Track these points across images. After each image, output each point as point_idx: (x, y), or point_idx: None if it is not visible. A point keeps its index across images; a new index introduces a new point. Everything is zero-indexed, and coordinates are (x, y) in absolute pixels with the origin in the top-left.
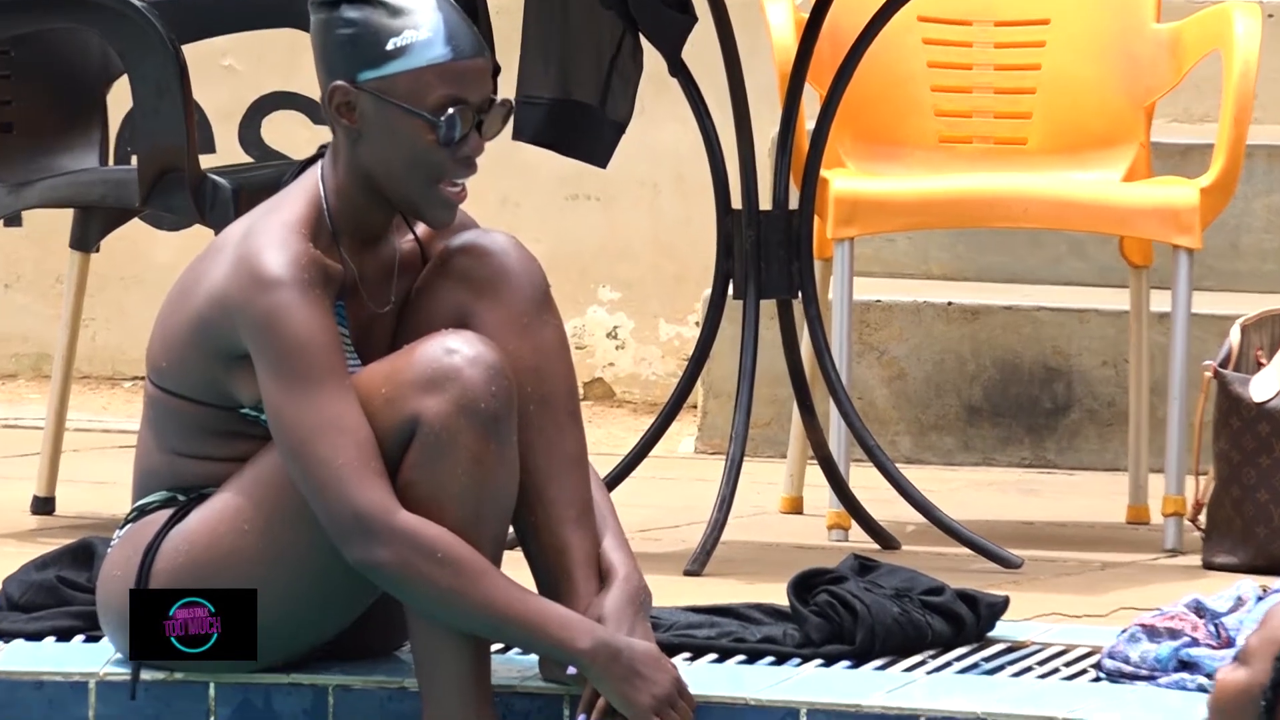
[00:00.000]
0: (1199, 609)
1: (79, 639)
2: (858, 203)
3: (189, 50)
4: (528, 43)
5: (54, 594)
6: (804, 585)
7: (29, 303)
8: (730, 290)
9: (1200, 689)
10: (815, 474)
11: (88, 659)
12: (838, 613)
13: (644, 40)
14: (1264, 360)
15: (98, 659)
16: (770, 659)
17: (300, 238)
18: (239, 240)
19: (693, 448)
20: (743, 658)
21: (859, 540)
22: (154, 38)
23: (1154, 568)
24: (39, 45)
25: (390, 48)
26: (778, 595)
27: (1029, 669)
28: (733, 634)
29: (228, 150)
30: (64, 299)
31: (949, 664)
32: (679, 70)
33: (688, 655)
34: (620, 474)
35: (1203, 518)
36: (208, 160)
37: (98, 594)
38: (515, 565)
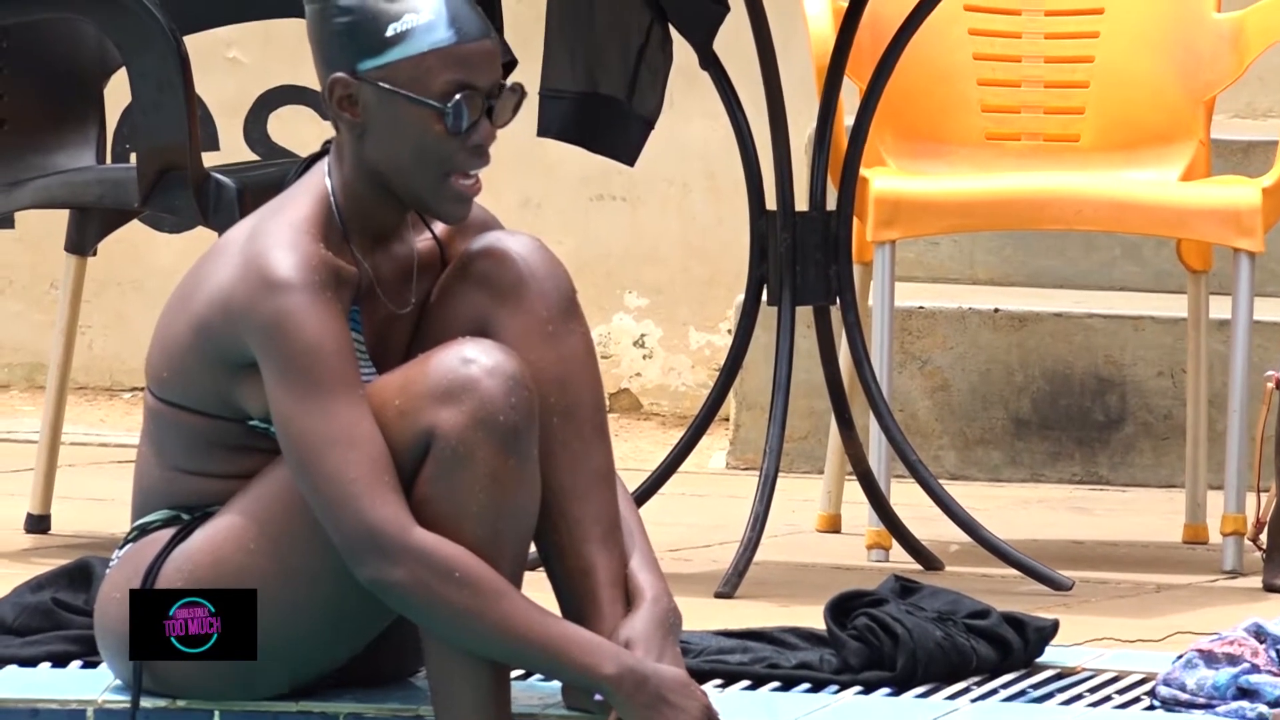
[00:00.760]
0: (1259, 633)
1: (76, 664)
2: (899, 203)
3: (191, 41)
4: (552, 33)
5: (49, 617)
6: (842, 608)
7: (22, 309)
8: (764, 296)
9: (1260, 718)
10: (854, 490)
11: (85, 686)
12: (877, 637)
13: (673, 31)
14: None
15: (96, 685)
16: (806, 686)
17: (310, 238)
18: (244, 242)
19: (724, 463)
20: (777, 685)
21: (900, 561)
22: (154, 28)
23: (1212, 590)
24: (32, 36)
25: (390, 34)
26: (814, 619)
27: (1079, 697)
28: (767, 660)
29: (232, 147)
30: (59, 305)
31: (995, 691)
32: (710, 63)
33: (719, 682)
34: (648, 490)
35: (1264, 537)
36: (211, 158)
37: (95, 617)
38: (538, 587)
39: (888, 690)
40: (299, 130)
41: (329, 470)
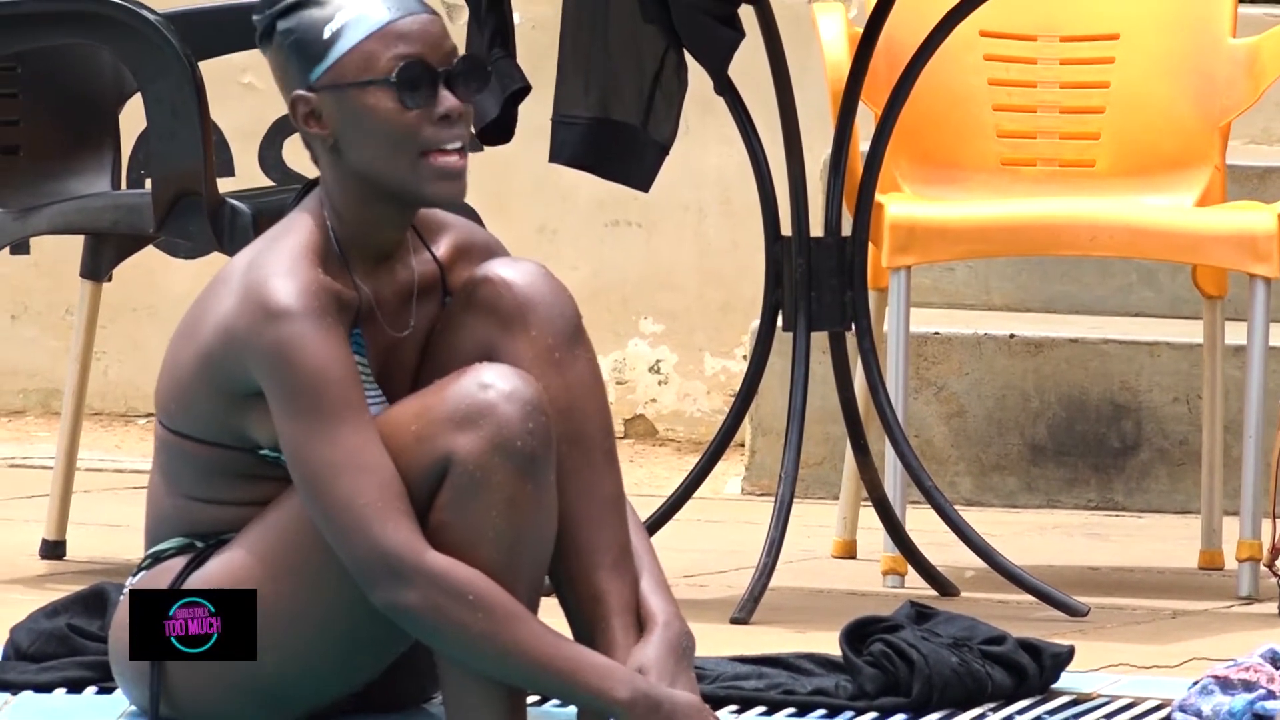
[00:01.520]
0: (1275, 659)
1: (91, 690)
2: (915, 229)
3: (206, 67)
4: (565, 59)
5: (65, 643)
6: (857, 634)
7: (37, 335)
8: (779, 322)
9: None
10: (869, 516)
11: (100, 712)
12: (893, 663)
13: (688, 57)
14: None
15: (111, 711)
16: (822, 712)
17: (308, 264)
18: (243, 271)
19: (740, 489)
20: (793, 711)
21: (915, 587)
22: (169, 54)
23: (1228, 616)
24: (48, 61)
25: (328, 35)
26: (829, 645)
27: None
28: (782, 685)
29: (247, 173)
30: (74, 331)
31: (1010, 717)
32: (725, 88)
33: (734, 708)
34: (663, 516)
35: (1279, 563)
36: (226, 184)
37: (110, 643)
38: (552, 613)
39: (903, 716)
40: None
41: (339, 496)
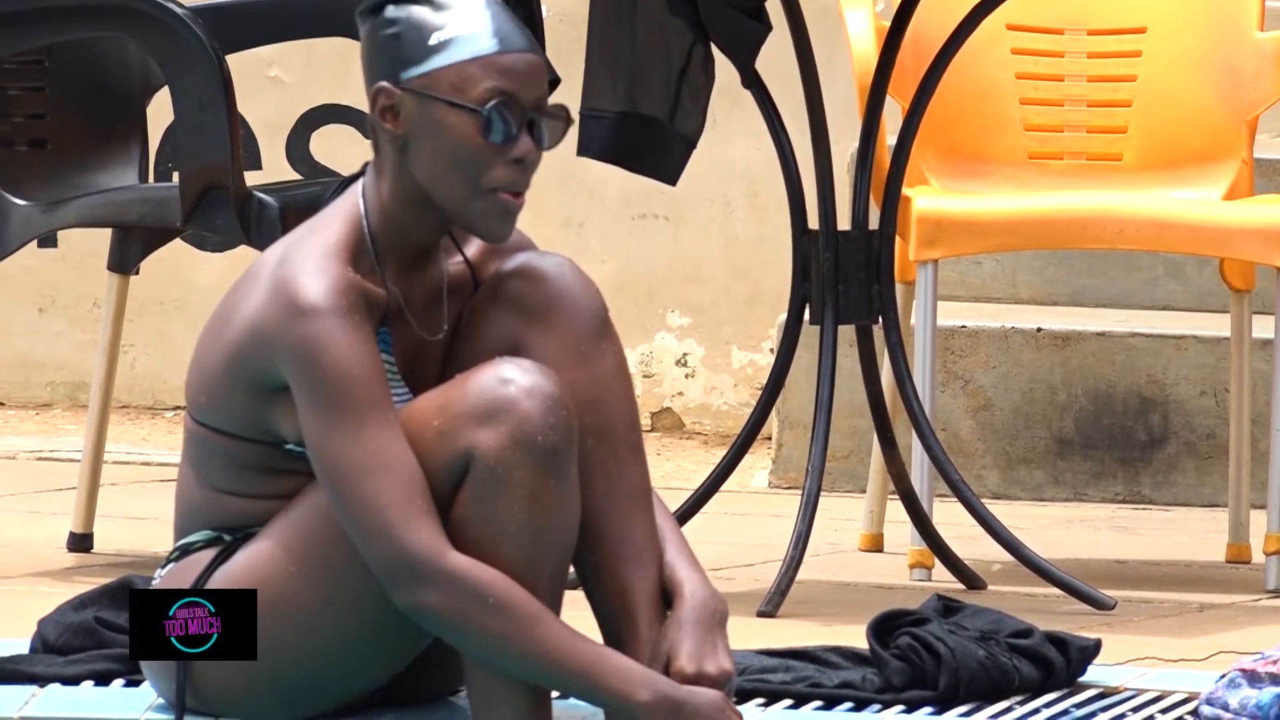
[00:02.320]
0: None
1: (119, 683)
2: (942, 222)
3: (233, 60)
4: (593, 53)
5: (92, 636)
6: (884, 627)
7: (65, 328)
8: (807, 315)
9: None
10: (896, 510)
11: (128, 704)
12: (920, 656)
13: (715, 50)
14: None
15: (139, 704)
16: (849, 705)
17: (339, 262)
18: (274, 266)
19: (767, 482)
20: (819, 704)
21: (942, 580)
22: (196, 47)
23: (1255, 609)
24: (75, 55)
25: (433, 42)
26: (856, 638)
27: (1122, 716)
28: (809, 679)
29: (274, 166)
30: (102, 324)
31: (1037, 710)
32: (752, 82)
33: (761, 701)
34: (690, 509)
35: None
36: (253, 177)
37: None
38: (579, 607)
39: (930, 709)
40: (341, 149)
41: (362, 496)
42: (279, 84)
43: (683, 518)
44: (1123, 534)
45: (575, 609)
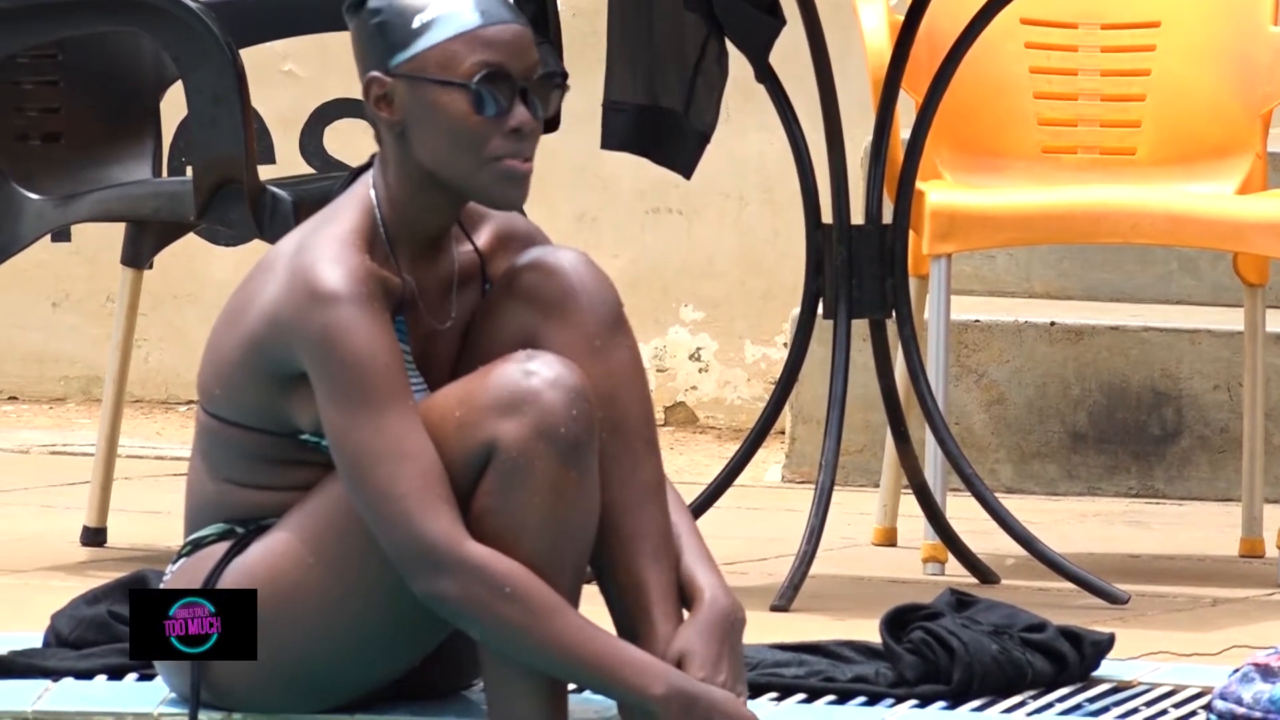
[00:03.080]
0: None
1: (132, 677)
2: (955, 217)
3: (247, 55)
4: (613, 46)
5: (106, 630)
6: (897, 621)
7: (78, 323)
8: (820, 309)
9: None
10: (910, 504)
11: (141, 698)
12: (933, 650)
13: (729, 44)
14: None
15: (152, 698)
16: (862, 699)
17: (356, 250)
18: (291, 255)
19: (780, 476)
20: (833, 698)
21: (956, 574)
22: (210, 42)
23: (1269, 604)
24: (88, 49)
25: (416, 25)
26: (870, 632)
27: (1135, 710)
28: (822, 673)
29: (288, 161)
30: (115, 318)
31: (1051, 705)
32: (766, 76)
33: (775, 695)
34: (703, 504)
35: None
36: (267, 171)
37: None
38: (594, 601)
39: (943, 704)
40: (355, 144)
41: (381, 484)
42: (293, 78)
43: (696, 512)
44: (1136, 528)
45: (590, 604)
